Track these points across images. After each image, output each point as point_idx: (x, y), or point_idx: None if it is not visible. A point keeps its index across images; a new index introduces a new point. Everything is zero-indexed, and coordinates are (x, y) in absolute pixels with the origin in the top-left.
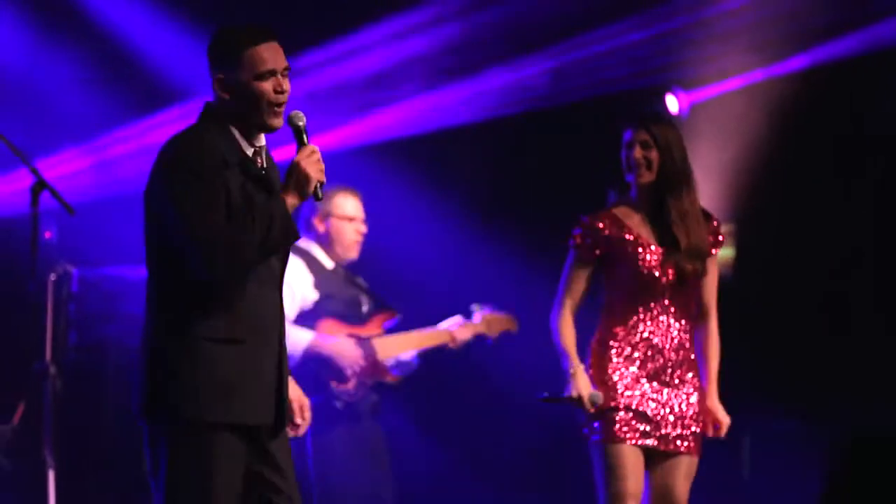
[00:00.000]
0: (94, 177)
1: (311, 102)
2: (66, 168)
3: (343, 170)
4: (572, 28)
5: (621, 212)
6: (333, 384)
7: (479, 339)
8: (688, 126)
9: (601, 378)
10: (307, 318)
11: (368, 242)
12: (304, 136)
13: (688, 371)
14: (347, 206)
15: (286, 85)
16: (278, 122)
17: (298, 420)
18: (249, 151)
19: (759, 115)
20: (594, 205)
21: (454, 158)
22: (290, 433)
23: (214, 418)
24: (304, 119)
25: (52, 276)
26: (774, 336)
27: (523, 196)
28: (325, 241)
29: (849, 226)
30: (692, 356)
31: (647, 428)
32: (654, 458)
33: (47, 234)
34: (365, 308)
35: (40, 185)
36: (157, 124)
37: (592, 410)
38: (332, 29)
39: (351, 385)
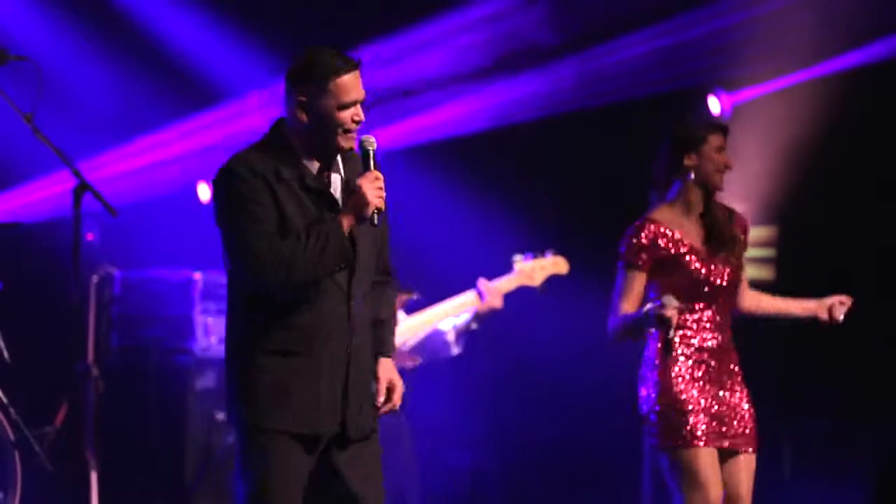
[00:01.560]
0: (136, 179)
1: None
2: (108, 170)
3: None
4: (615, 29)
5: (670, 216)
6: None
7: (524, 292)
8: (730, 127)
9: (667, 384)
10: None
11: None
12: (372, 162)
13: (737, 372)
14: None
15: (362, 114)
16: (350, 144)
17: (395, 399)
18: (314, 167)
19: (801, 116)
20: (636, 205)
21: (504, 157)
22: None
23: (266, 425)
24: (375, 145)
25: (95, 278)
26: (817, 337)
27: (567, 199)
28: None
29: (893, 228)
30: (736, 356)
31: (723, 429)
32: (723, 459)
33: (90, 236)
34: None
35: (83, 188)
36: (199, 126)
37: (672, 312)
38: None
39: None
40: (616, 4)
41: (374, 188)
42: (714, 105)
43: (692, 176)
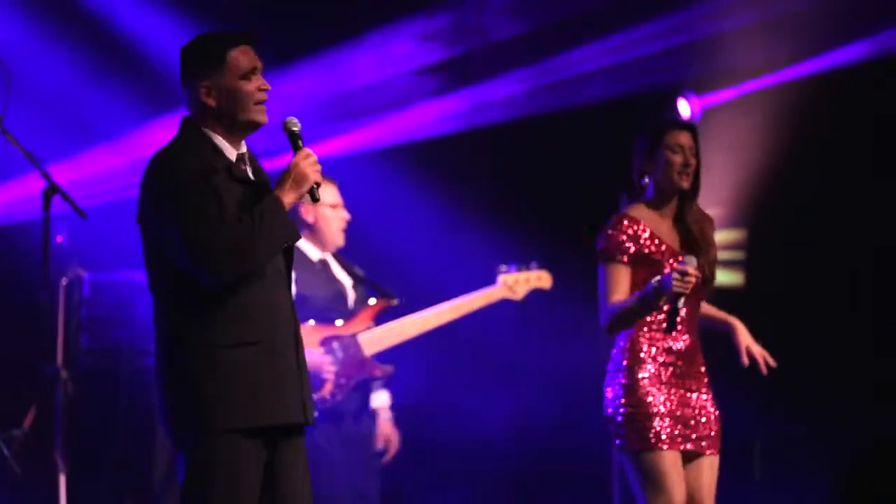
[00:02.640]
0: (105, 181)
1: (315, 107)
2: (78, 172)
3: (351, 173)
4: (585, 32)
5: (645, 214)
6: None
7: (506, 303)
8: (700, 131)
9: (633, 386)
10: None
11: (374, 241)
12: (300, 141)
13: (704, 373)
14: (331, 195)
15: (265, 83)
16: (263, 118)
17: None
18: (233, 156)
19: (771, 120)
20: (606, 207)
21: (471, 162)
22: None
23: (236, 424)
24: (299, 125)
25: (64, 281)
26: (787, 341)
27: (538, 201)
28: (314, 231)
29: (863, 230)
30: (703, 358)
31: (687, 431)
32: (686, 461)
33: (59, 239)
34: (351, 302)
35: (52, 190)
36: (169, 128)
37: (694, 271)
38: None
39: (326, 390)
40: (588, 7)
41: (310, 163)
42: (684, 108)
43: (656, 175)
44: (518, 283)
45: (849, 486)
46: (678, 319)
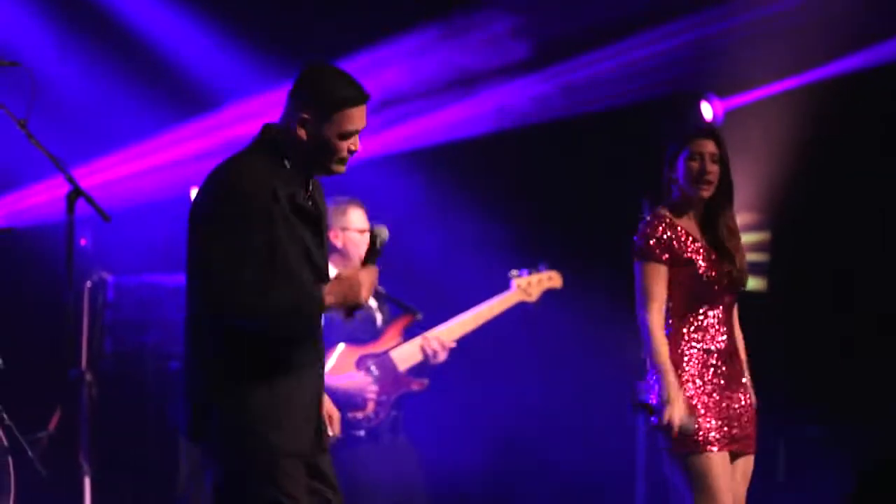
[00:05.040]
0: (129, 184)
1: None
2: (102, 176)
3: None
4: (608, 35)
5: (677, 215)
6: (350, 414)
7: (521, 307)
8: (722, 133)
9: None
10: None
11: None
12: (377, 254)
13: (742, 373)
14: (360, 220)
15: (358, 144)
16: (341, 170)
17: (329, 431)
18: (300, 185)
19: (795, 122)
20: (629, 212)
21: (497, 163)
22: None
23: (292, 448)
24: (387, 237)
25: (88, 284)
26: (810, 342)
27: (561, 205)
28: (343, 256)
29: (885, 234)
30: (741, 358)
31: (733, 431)
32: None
33: (83, 242)
34: (379, 321)
35: (76, 193)
36: (192, 133)
37: (674, 432)
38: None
39: (370, 409)
40: (610, 10)
41: (368, 283)
42: (707, 111)
43: (679, 183)
44: (531, 285)
45: (871, 487)
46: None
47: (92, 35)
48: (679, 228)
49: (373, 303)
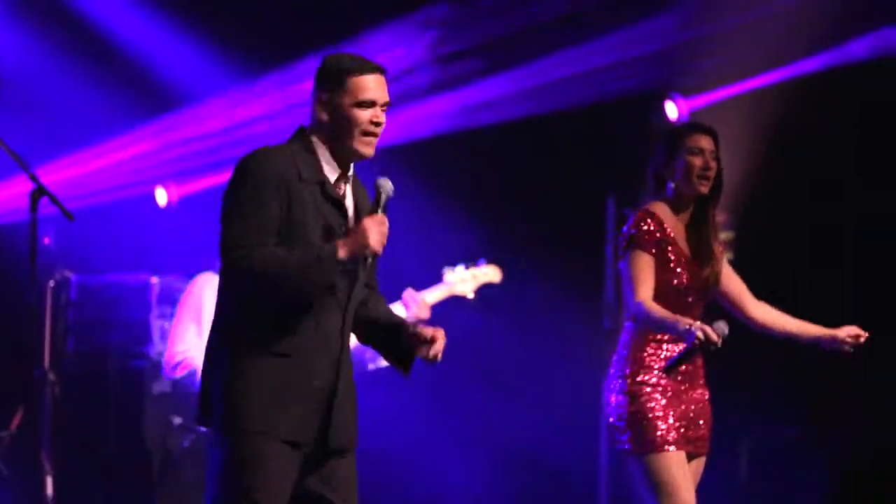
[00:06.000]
0: (93, 183)
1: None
2: (65, 174)
3: None
4: (572, 35)
5: (665, 214)
6: None
7: (456, 300)
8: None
9: (636, 391)
10: None
11: None
12: (383, 206)
13: (702, 374)
14: None
15: (383, 118)
16: (368, 150)
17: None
18: (333, 176)
19: (758, 121)
20: (593, 208)
21: (461, 163)
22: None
23: (260, 427)
24: (391, 191)
25: (51, 283)
26: (773, 343)
27: (522, 201)
28: None
29: (853, 229)
30: (702, 359)
31: (689, 432)
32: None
33: (46, 241)
34: None
35: (39, 192)
36: (157, 131)
37: (719, 341)
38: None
39: None
40: (572, 10)
41: (378, 231)
42: (671, 110)
43: (676, 179)
44: (466, 280)
45: (836, 488)
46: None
47: (56, 32)
48: (667, 230)
49: None
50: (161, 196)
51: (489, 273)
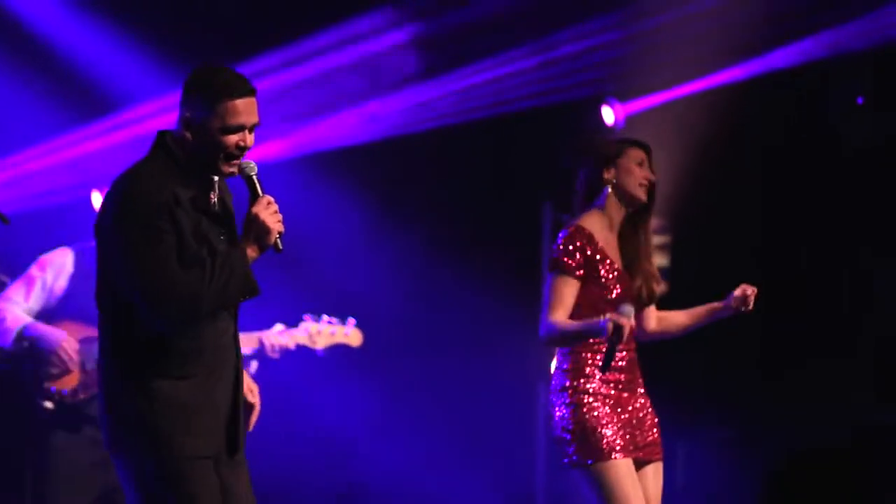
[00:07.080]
0: (28, 187)
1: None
2: None
3: (279, 178)
4: (508, 40)
5: (598, 225)
6: (48, 384)
7: (306, 350)
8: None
9: (579, 403)
10: (48, 317)
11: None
12: (258, 187)
13: (641, 382)
14: None
15: (250, 141)
16: (231, 171)
17: (253, 400)
18: (201, 189)
19: (693, 126)
20: (530, 212)
21: (389, 168)
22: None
23: (184, 451)
24: (256, 169)
25: None
26: (709, 346)
27: (459, 206)
28: None
29: (782, 236)
30: (639, 366)
31: (636, 439)
32: (637, 469)
33: None
34: None
35: None
36: (92, 134)
37: (627, 322)
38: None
39: (74, 382)
40: (508, 14)
41: (270, 213)
42: (608, 115)
43: (610, 189)
44: (322, 335)
45: (770, 490)
46: (616, 355)
47: None
48: (598, 245)
49: None
50: (97, 200)
51: (350, 336)
